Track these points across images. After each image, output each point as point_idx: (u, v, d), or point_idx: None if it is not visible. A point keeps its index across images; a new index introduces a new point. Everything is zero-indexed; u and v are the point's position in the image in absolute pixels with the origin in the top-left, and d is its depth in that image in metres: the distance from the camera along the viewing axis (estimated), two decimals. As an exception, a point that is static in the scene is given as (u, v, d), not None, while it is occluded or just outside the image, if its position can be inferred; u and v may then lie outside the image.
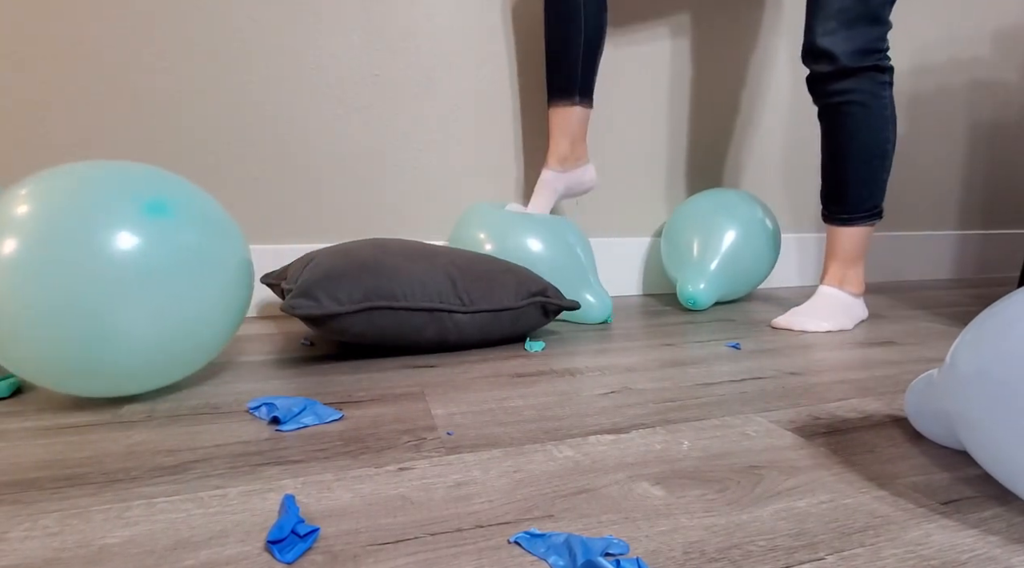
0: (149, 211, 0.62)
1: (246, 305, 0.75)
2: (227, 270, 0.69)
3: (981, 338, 0.45)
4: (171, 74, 1.12)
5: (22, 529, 0.42)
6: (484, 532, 0.42)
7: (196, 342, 0.67)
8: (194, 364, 0.70)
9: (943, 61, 1.73)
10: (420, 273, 0.88)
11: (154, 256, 0.61)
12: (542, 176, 1.20)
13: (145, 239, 0.61)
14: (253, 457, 0.55)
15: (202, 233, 0.66)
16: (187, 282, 0.64)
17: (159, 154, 1.13)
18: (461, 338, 0.91)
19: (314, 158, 1.22)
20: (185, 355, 0.67)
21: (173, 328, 0.64)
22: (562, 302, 0.98)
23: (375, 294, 0.83)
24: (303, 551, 0.39)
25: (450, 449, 0.56)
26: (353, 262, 0.86)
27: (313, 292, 0.80)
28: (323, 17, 1.18)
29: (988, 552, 0.40)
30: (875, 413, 0.67)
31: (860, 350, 0.95)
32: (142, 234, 0.61)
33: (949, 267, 1.86)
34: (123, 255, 0.59)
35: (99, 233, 0.59)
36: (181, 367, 0.68)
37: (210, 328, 0.68)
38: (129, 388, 0.66)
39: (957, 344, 0.49)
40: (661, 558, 0.39)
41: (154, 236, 0.62)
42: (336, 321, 0.81)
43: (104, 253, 0.58)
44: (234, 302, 0.71)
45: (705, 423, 0.63)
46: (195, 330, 0.66)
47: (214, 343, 0.70)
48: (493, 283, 0.92)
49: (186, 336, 0.65)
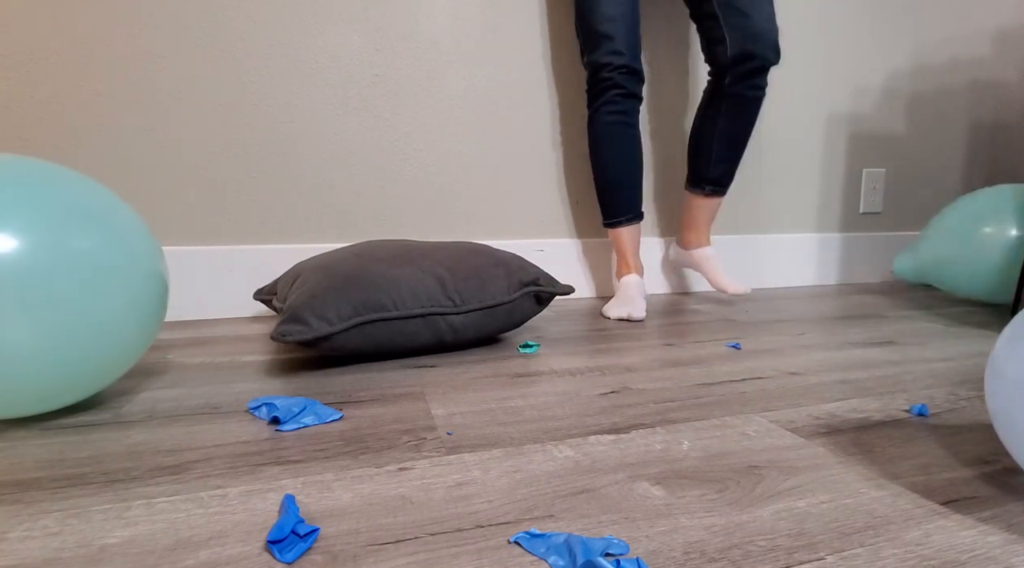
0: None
1: (154, 316, 0.66)
2: (120, 278, 0.59)
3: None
4: (170, 74, 1.12)
5: (22, 529, 0.42)
6: (484, 532, 0.42)
7: (79, 358, 0.58)
8: (88, 384, 0.62)
9: (943, 61, 1.73)
10: (408, 278, 0.86)
11: (6, 263, 0.52)
12: (636, 280, 1.26)
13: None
14: (253, 457, 0.55)
15: (78, 234, 0.57)
16: (61, 290, 0.55)
17: (159, 154, 1.13)
18: (457, 338, 0.91)
19: (314, 158, 1.22)
20: (69, 373, 0.58)
21: (41, 343, 0.55)
22: (555, 288, 0.97)
23: (365, 307, 0.81)
24: (303, 551, 0.40)
25: (450, 449, 0.56)
26: (338, 276, 0.84)
27: (302, 316, 0.78)
28: (323, 18, 1.18)
29: (988, 552, 0.40)
30: (875, 413, 0.67)
31: (860, 350, 0.95)
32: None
33: (949, 267, 1.86)
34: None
35: None
36: (67, 387, 0.60)
37: (96, 341, 0.59)
38: (8, 410, 0.59)
39: (998, 345, 0.48)
40: (661, 558, 0.39)
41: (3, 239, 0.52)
42: (330, 341, 0.80)
43: None
44: (133, 313, 0.61)
45: (705, 423, 0.63)
46: (74, 344, 0.57)
47: (107, 358, 0.61)
48: (484, 279, 0.91)
49: (63, 351, 0.56)
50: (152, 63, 1.10)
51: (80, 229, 0.58)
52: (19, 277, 0.53)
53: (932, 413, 0.67)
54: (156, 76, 1.11)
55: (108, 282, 0.58)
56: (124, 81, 1.10)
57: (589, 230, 1.45)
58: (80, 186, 0.61)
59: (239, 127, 1.17)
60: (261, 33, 1.15)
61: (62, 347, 0.56)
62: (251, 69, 1.16)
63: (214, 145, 1.16)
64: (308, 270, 0.89)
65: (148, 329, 0.65)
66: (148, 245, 0.65)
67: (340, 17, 1.19)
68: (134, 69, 1.10)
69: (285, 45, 1.17)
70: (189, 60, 1.12)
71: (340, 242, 1.26)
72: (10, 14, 1.03)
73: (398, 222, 1.29)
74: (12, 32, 1.04)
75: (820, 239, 1.66)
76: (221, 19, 1.13)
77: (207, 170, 1.16)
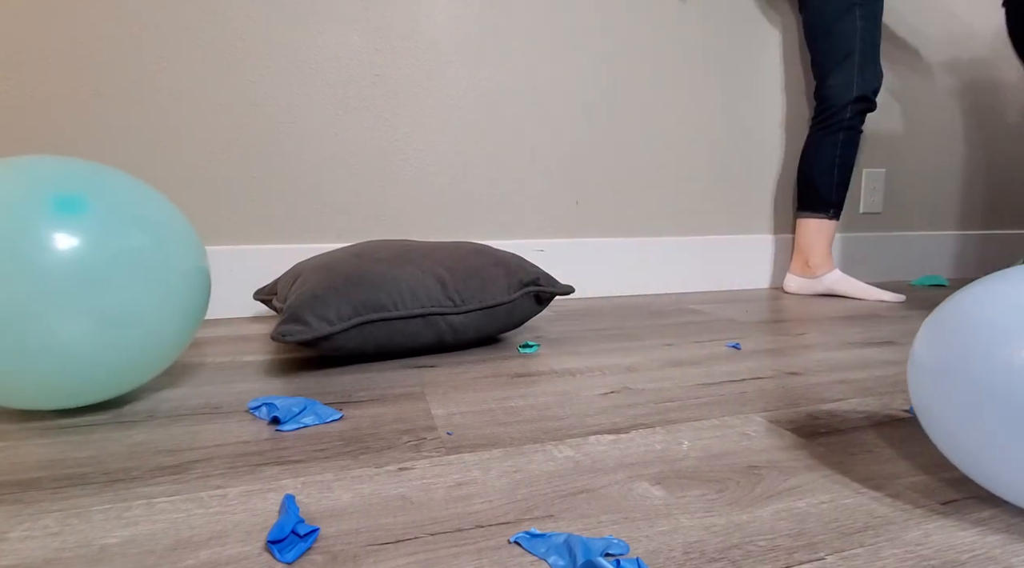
0: (60, 208, 0.55)
1: (199, 311, 0.68)
2: (169, 274, 0.62)
3: (943, 331, 0.45)
4: (170, 74, 1.12)
5: (22, 529, 0.42)
6: (484, 532, 0.42)
7: (131, 352, 0.61)
8: (137, 376, 0.64)
9: (943, 61, 1.73)
10: (408, 278, 0.86)
11: (69, 259, 0.54)
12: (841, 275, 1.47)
13: (53, 240, 0.54)
14: (253, 457, 0.55)
15: (132, 232, 0.59)
16: (116, 286, 0.57)
17: (159, 154, 1.13)
18: (457, 338, 0.91)
19: (314, 158, 1.22)
20: (121, 366, 0.61)
21: (100, 338, 0.57)
22: (555, 288, 0.97)
23: (365, 308, 0.82)
24: (303, 551, 0.40)
25: (450, 449, 0.56)
26: (338, 276, 0.84)
27: (302, 316, 0.79)
28: (323, 18, 1.18)
29: (988, 552, 0.40)
30: (875, 413, 0.67)
31: (860, 350, 0.95)
32: (48, 234, 0.54)
33: (949, 267, 1.86)
34: (30, 259, 0.53)
35: (2, 234, 0.53)
36: (119, 380, 0.62)
37: (147, 335, 0.61)
38: (60, 402, 0.61)
39: (918, 339, 0.48)
40: (661, 558, 0.39)
41: (65, 237, 0.55)
42: (330, 341, 0.80)
43: (11, 257, 0.53)
44: (181, 309, 0.64)
45: (705, 423, 0.63)
46: (130, 339, 0.60)
47: (156, 352, 0.64)
48: (484, 279, 0.91)
49: (120, 346, 0.59)
50: (152, 63, 1.10)
51: (134, 228, 0.60)
52: (80, 275, 0.55)
53: (932, 413, 0.67)
54: (156, 76, 1.11)
55: (158, 278, 0.61)
56: (124, 81, 1.10)
57: (589, 230, 1.45)
58: (130, 186, 0.63)
59: (239, 127, 1.17)
60: (261, 33, 1.15)
61: (117, 341, 0.59)
62: (251, 69, 1.16)
63: (214, 145, 1.16)
64: (308, 270, 0.89)
65: (193, 323, 0.69)
66: (194, 243, 0.68)
67: (340, 17, 1.19)
68: (134, 69, 1.10)
69: (285, 45, 1.17)
70: (189, 60, 1.12)
71: (340, 242, 1.26)
72: (10, 14, 1.03)
73: (398, 222, 1.29)
74: (12, 32, 1.04)
75: (820, 239, 1.66)
76: (221, 19, 1.13)
77: (207, 170, 1.16)
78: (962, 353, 0.42)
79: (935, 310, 0.48)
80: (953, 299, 0.46)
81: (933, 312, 0.48)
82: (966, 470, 0.44)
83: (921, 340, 0.47)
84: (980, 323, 0.42)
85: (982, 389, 0.40)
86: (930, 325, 0.47)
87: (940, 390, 0.43)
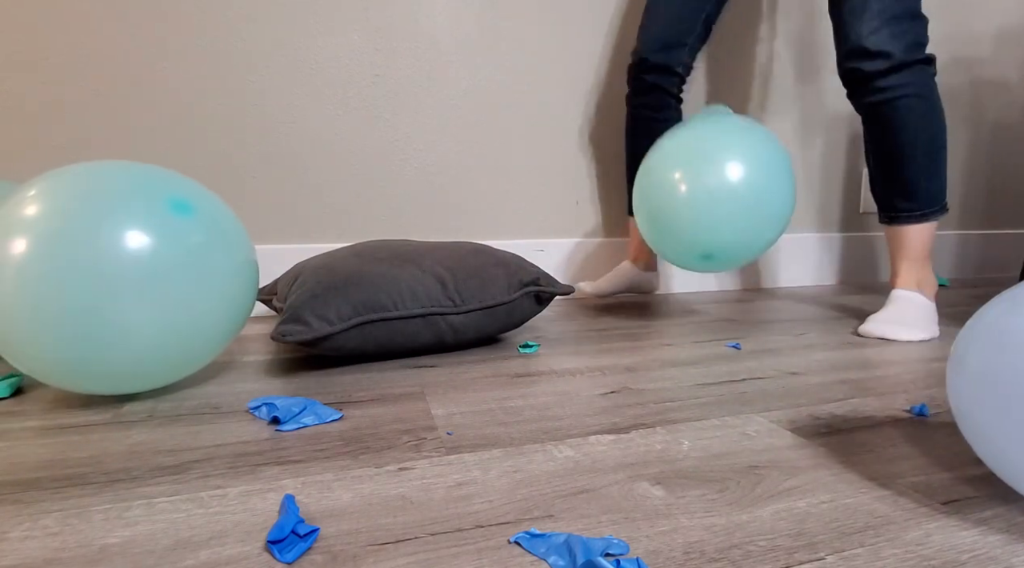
0: (175, 209, 0.63)
1: (250, 306, 0.75)
2: (234, 271, 0.69)
3: (986, 334, 0.45)
4: (171, 74, 1.12)
5: (22, 529, 0.42)
6: (484, 532, 0.42)
7: (200, 341, 0.67)
8: (196, 363, 0.70)
9: (943, 61, 1.73)
10: (408, 279, 0.86)
11: (167, 255, 0.61)
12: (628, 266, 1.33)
13: (159, 239, 0.61)
14: (253, 457, 0.55)
15: (213, 234, 0.67)
16: (195, 282, 0.64)
17: (158, 154, 1.13)
18: (457, 338, 0.91)
19: (314, 158, 1.22)
20: (188, 354, 0.67)
21: (178, 327, 0.64)
22: (555, 288, 0.97)
23: (365, 308, 0.82)
24: (303, 551, 0.40)
25: (450, 449, 0.56)
26: (338, 276, 0.84)
27: (302, 316, 0.79)
28: (323, 17, 1.18)
29: (988, 552, 0.40)
30: (875, 413, 0.67)
31: (860, 350, 0.95)
32: (159, 233, 0.61)
33: (949, 267, 1.86)
34: (136, 254, 0.60)
35: (115, 232, 0.59)
36: (184, 366, 0.69)
37: (214, 327, 0.68)
38: (133, 386, 0.66)
39: (960, 339, 0.48)
40: (661, 558, 0.39)
41: (167, 236, 0.62)
42: (330, 341, 0.80)
43: (117, 252, 0.59)
44: (238, 303, 0.71)
45: (705, 423, 0.63)
46: (200, 329, 0.66)
47: (217, 342, 0.70)
48: (484, 279, 0.91)
49: (191, 335, 0.65)
50: (152, 63, 1.10)
51: (191, 225, 0.64)
52: (144, 270, 0.60)
53: (932, 413, 0.67)
54: (156, 76, 1.11)
55: (214, 272, 0.66)
56: (124, 81, 1.10)
57: (589, 230, 1.45)
58: (185, 185, 0.69)
59: (239, 127, 1.17)
60: (261, 33, 1.15)
61: (175, 330, 0.64)
62: (251, 69, 1.16)
63: (214, 145, 1.16)
64: (308, 270, 0.89)
65: (245, 312, 0.74)
66: (245, 238, 0.74)
67: (340, 17, 1.19)
68: (134, 69, 1.10)
69: (285, 45, 1.17)
70: (189, 60, 1.12)
71: (340, 242, 1.26)
72: (10, 15, 1.03)
73: (398, 222, 1.29)
74: (12, 33, 1.04)
75: (820, 239, 1.66)
76: (221, 19, 1.13)
77: (207, 170, 1.16)
78: (1006, 357, 0.42)
79: (979, 310, 0.48)
80: (998, 300, 0.46)
81: (977, 312, 0.48)
82: (1000, 472, 0.44)
83: (963, 340, 0.47)
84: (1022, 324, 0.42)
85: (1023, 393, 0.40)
86: (973, 325, 0.47)
87: (980, 392, 0.43)
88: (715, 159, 0.97)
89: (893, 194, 1.09)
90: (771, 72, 1.54)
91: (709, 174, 0.97)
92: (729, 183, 0.96)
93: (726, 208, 0.97)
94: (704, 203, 0.97)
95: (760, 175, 0.97)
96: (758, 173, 0.97)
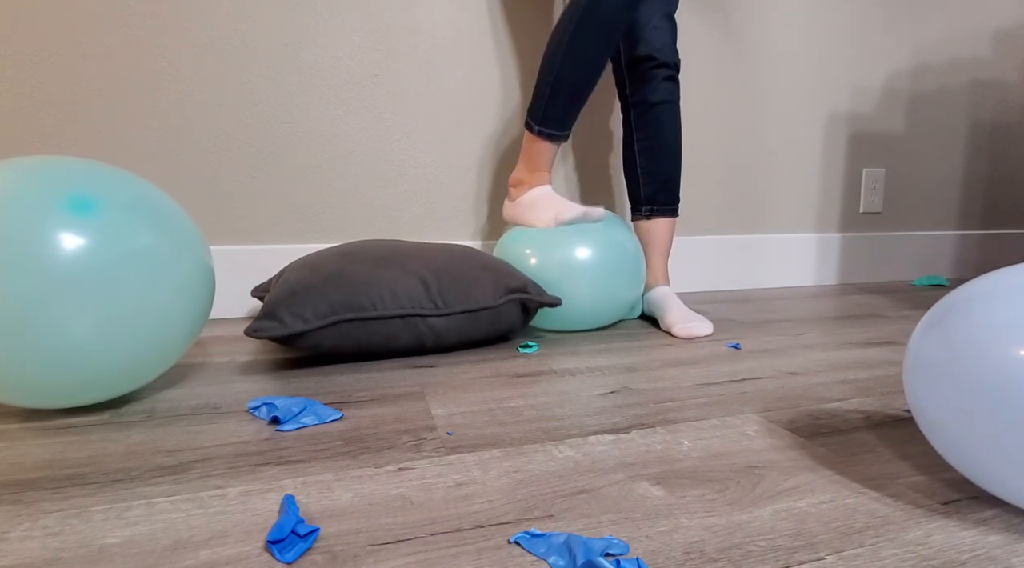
0: (74, 208, 0.56)
1: (205, 308, 0.69)
2: (177, 272, 0.63)
3: (938, 330, 0.44)
4: (170, 74, 1.12)
5: (22, 529, 0.42)
6: (484, 532, 0.42)
7: (140, 349, 0.62)
8: (146, 373, 0.65)
9: (943, 61, 1.73)
10: (389, 279, 0.86)
11: (79, 259, 0.55)
12: (549, 189, 1.09)
13: (65, 240, 0.55)
14: (253, 457, 0.55)
15: (141, 232, 0.60)
16: (126, 285, 0.58)
17: (158, 154, 1.13)
18: (438, 342, 0.90)
19: (314, 158, 1.22)
20: (131, 364, 0.62)
21: (108, 335, 0.58)
22: (543, 298, 0.95)
23: (343, 307, 0.82)
24: (303, 551, 0.39)
25: (450, 449, 0.56)
26: (318, 276, 0.84)
27: (277, 312, 0.79)
28: (323, 17, 1.18)
29: (988, 552, 0.40)
30: (875, 413, 0.67)
31: (860, 350, 0.95)
32: (60, 234, 0.55)
33: (949, 267, 1.86)
34: (44, 258, 0.54)
35: (17, 234, 0.54)
36: (131, 376, 0.63)
37: (155, 333, 0.62)
38: (70, 399, 0.62)
39: (913, 338, 0.48)
40: (661, 558, 0.39)
41: (77, 237, 0.56)
42: (304, 338, 0.80)
43: (26, 256, 0.54)
44: (187, 306, 0.65)
45: (705, 423, 0.63)
46: (137, 336, 0.60)
47: (167, 348, 0.65)
48: (469, 283, 0.90)
49: (127, 343, 0.60)
50: (152, 63, 1.10)
51: (142, 227, 0.60)
52: (90, 274, 0.56)
53: (932, 413, 0.67)
54: (156, 76, 1.11)
55: (165, 276, 0.62)
56: (124, 81, 1.10)
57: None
58: (135, 185, 0.64)
59: (239, 127, 1.17)
60: (261, 33, 1.15)
61: (124, 339, 0.59)
62: (251, 69, 1.16)
63: (214, 145, 1.16)
64: (292, 269, 0.90)
65: (199, 320, 0.69)
66: (198, 241, 0.69)
67: (340, 17, 1.19)
68: (134, 69, 1.10)
69: (285, 45, 1.17)
70: (189, 60, 1.12)
71: (339, 242, 1.26)
72: (10, 14, 1.03)
73: (397, 222, 1.29)
74: (12, 33, 1.04)
75: (820, 239, 1.66)
76: (221, 19, 1.13)
77: (207, 170, 1.16)
78: (957, 352, 0.42)
79: (931, 309, 0.48)
80: (948, 298, 0.46)
81: (929, 311, 0.48)
82: (962, 469, 0.44)
83: (916, 339, 0.47)
84: (975, 321, 0.42)
85: (977, 388, 0.40)
86: (925, 324, 0.46)
87: (935, 389, 0.43)
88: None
89: (657, 190, 1.15)
90: (771, 71, 1.55)
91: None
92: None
93: None
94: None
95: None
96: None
